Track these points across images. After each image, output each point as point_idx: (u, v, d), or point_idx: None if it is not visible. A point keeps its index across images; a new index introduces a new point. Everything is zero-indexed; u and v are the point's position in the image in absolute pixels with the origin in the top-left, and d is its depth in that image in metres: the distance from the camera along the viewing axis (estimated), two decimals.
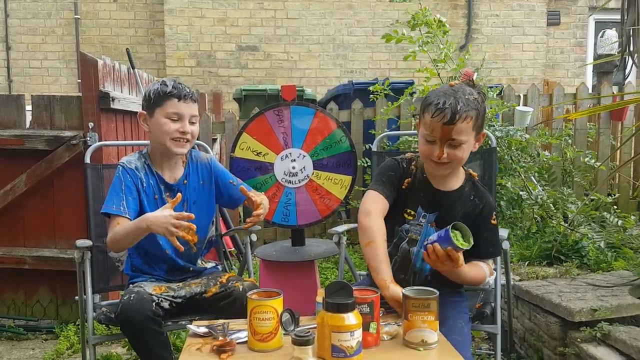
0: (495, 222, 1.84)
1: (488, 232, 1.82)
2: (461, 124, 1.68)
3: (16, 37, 8.64)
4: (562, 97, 4.89)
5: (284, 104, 2.85)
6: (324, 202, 2.87)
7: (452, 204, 1.83)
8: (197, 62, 8.25)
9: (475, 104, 1.70)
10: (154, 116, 2.14)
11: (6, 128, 3.37)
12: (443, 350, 1.42)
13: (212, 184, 2.29)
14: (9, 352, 3.14)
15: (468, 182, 1.87)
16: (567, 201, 3.57)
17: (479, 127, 1.76)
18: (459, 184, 1.85)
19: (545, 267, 3.13)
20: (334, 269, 4.25)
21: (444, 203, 1.83)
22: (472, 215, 1.81)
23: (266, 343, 1.42)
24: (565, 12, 9.04)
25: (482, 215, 1.83)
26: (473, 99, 1.70)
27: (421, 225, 1.83)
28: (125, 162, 2.20)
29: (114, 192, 2.13)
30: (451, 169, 1.80)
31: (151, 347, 1.99)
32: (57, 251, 3.40)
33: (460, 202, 1.83)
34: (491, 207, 1.85)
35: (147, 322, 1.95)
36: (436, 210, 1.83)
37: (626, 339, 2.21)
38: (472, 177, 1.89)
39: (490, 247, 1.83)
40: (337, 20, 8.33)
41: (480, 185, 1.89)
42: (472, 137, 1.74)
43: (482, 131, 1.80)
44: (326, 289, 1.35)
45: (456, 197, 1.83)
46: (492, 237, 1.84)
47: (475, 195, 1.85)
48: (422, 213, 1.84)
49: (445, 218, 1.79)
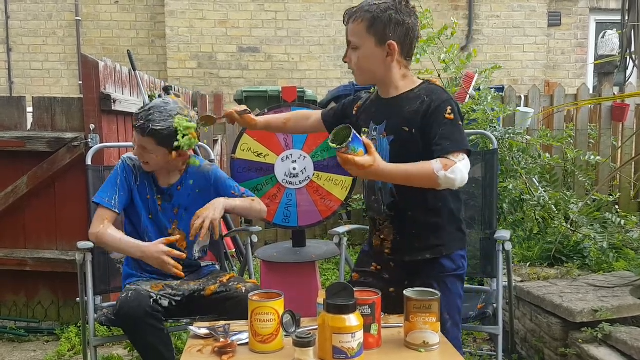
0: (451, 117, 1.67)
1: (442, 127, 1.66)
2: (352, 24, 1.73)
3: (17, 39, 8.65)
4: (563, 98, 4.89)
5: (285, 105, 2.85)
6: (324, 203, 2.87)
7: (399, 108, 1.76)
8: (198, 64, 8.26)
9: (373, 9, 1.69)
10: None
11: (7, 130, 3.37)
12: (444, 352, 1.41)
13: (210, 192, 2.28)
14: (11, 354, 3.14)
15: (422, 85, 1.78)
16: (569, 202, 3.57)
17: (379, 34, 1.70)
18: (408, 89, 1.78)
19: (546, 268, 3.13)
20: (334, 270, 4.25)
21: (390, 109, 1.79)
22: (420, 112, 1.70)
23: (267, 344, 1.42)
24: (566, 13, 9.03)
25: (431, 110, 1.69)
26: (374, 4, 1.70)
27: (374, 138, 1.79)
28: (126, 157, 2.27)
29: (109, 184, 2.21)
30: (359, 78, 1.82)
31: (151, 343, 2.01)
32: (58, 253, 3.40)
33: (407, 102, 1.75)
34: (443, 101, 1.70)
35: (145, 317, 1.97)
36: (385, 120, 1.79)
37: (627, 340, 2.21)
38: (429, 82, 1.81)
39: (446, 142, 1.65)
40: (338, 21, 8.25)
41: (437, 86, 1.79)
42: (368, 42, 1.72)
43: (389, 40, 1.70)
44: (327, 291, 1.35)
45: (402, 99, 1.77)
46: (447, 131, 1.66)
47: (426, 93, 1.74)
48: (374, 127, 1.82)
49: (395, 123, 1.76)
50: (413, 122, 1.71)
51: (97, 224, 2.15)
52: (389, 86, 1.80)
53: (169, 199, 2.25)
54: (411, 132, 1.72)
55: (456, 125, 1.69)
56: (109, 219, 2.15)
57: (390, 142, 1.77)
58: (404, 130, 1.73)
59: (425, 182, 1.63)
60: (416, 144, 1.71)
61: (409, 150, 1.71)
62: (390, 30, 1.70)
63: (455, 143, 1.65)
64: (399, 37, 1.72)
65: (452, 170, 1.59)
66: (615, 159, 5.06)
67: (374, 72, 1.78)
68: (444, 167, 1.59)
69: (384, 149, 1.76)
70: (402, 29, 1.72)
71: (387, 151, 1.76)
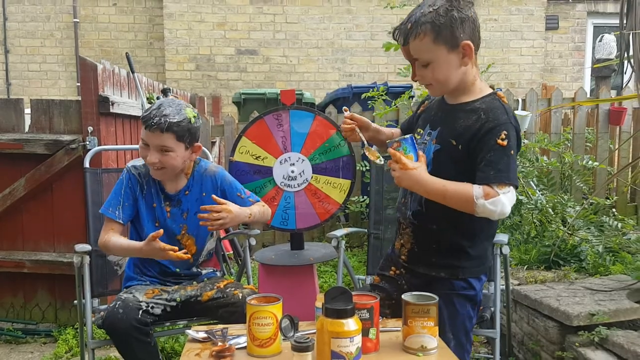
0: (503, 143, 1.54)
1: (491, 152, 1.54)
2: (414, 41, 1.58)
3: (15, 41, 8.64)
4: (560, 101, 4.90)
5: (283, 108, 2.86)
6: (323, 206, 2.87)
7: (454, 118, 1.64)
8: (197, 66, 8.26)
9: (431, 17, 1.55)
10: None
11: (5, 132, 3.37)
12: (442, 356, 1.42)
13: (216, 195, 2.26)
14: (8, 355, 3.13)
15: (485, 98, 1.64)
16: (566, 205, 3.58)
17: (449, 39, 1.57)
18: (471, 99, 1.66)
19: (543, 272, 3.14)
20: (332, 273, 4.25)
21: (447, 117, 1.67)
22: (472, 130, 1.59)
23: (265, 349, 1.42)
24: (563, 17, 9.06)
25: (484, 131, 1.56)
26: (430, 11, 1.55)
27: (425, 143, 1.71)
28: (131, 166, 2.24)
29: (114, 195, 2.20)
30: (437, 90, 1.69)
31: (137, 355, 2.00)
32: (56, 255, 3.40)
33: (464, 114, 1.63)
34: (499, 123, 1.56)
35: (131, 331, 1.95)
36: (439, 127, 1.68)
37: (624, 343, 2.22)
38: (494, 95, 1.66)
39: (491, 171, 1.53)
40: (336, 24, 8.34)
41: (501, 103, 1.63)
42: (441, 52, 1.58)
43: (462, 42, 1.58)
44: (325, 295, 1.35)
45: (460, 110, 1.65)
46: (496, 158, 1.54)
47: (485, 109, 1.61)
48: (428, 131, 1.71)
49: (446, 133, 1.65)
50: (462, 137, 1.61)
51: (102, 234, 2.16)
52: (460, 91, 1.67)
53: (178, 204, 2.21)
54: (457, 147, 1.61)
55: (507, 153, 1.55)
56: (114, 229, 2.14)
57: (435, 151, 1.67)
58: (451, 143, 1.63)
59: (461, 205, 1.55)
60: (460, 161, 1.61)
61: (450, 165, 1.62)
62: (460, 31, 1.57)
63: (500, 174, 1.53)
64: (469, 34, 1.59)
65: (493, 202, 1.51)
66: (612, 162, 5.08)
67: (451, 80, 1.63)
68: (485, 195, 1.51)
69: (428, 157, 1.67)
70: (469, 24, 1.59)
71: (429, 159, 1.67)
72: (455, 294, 1.71)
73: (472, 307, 1.75)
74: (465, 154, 1.60)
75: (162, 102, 2.10)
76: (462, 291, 1.71)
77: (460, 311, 1.72)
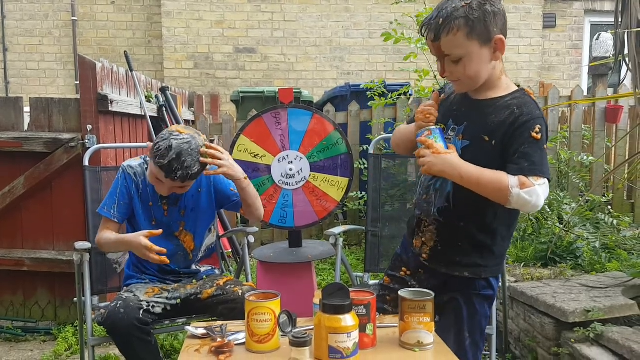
0: (538, 137, 1.53)
1: (525, 145, 1.53)
2: (447, 37, 1.53)
3: (13, 39, 8.63)
4: (557, 99, 4.92)
5: (281, 106, 2.87)
6: (321, 204, 2.89)
7: (484, 114, 1.61)
8: (195, 64, 8.26)
9: (464, 11, 1.51)
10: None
11: (4, 130, 3.38)
12: (439, 352, 1.44)
13: (211, 191, 2.30)
14: (7, 353, 3.15)
15: (515, 94, 1.62)
16: (563, 203, 3.60)
17: (483, 33, 1.53)
18: (499, 94, 1.63)
19: (540, 269, 3.16)
20: (330, 271, 4.27)
21: (475, 113, 1.64)
22: (506, 124, 1.56)
23: (264, 344, 1.43)
24: (561, 15, 9.07)
25: (518, 124, 1.55)
26: (462, 5, 1.52)
27: (449, 138, 1.66)
28: (126, 166, 2.24)
29: (110, 195, 2.22)
30: (466, 86, 1.64)
31: (138, 354, 2.01)
32: (55, 253, 3.41)
33: (495, 110, 1.60)
34: (534, 117, 1.55)
35: (132, 330, 1.97)
36: (465, 122, 1.65)
37: (619, 340, 2.24)
38: (523, 91, 1.64)
39: (525, 162, 1.52)
40: (334, 22, 8.34)
41: (531, 99, 1.61)
42: (474, 47, 1.54)
43: (495, 36, 1.54)
44: (323, 291, 1.37)
45: (490, 106, 1.62)
46: (530, 150, 1.53)
47: (517, 105, 1.58)
48: (452, 126, 1.68)
49: (475, 129, 1.62)
50: (496, 133, 1.58)
51: (98, 232, 2.20)
52: (486, 87, 1.64)
53: (175, 202, 2.23)
54: (491, 143, 1.59)
55: (541, 147, 1.55)
56: (110, 228, 2.17)
57: (464, 147, 1.63)
58: (484, 140, 1.60)
59: (495, 194, 1.53)
60: (493, 157, 1.58)
61: (481, 160, 1.57)
62: (493, 25, 1.54)
63: (535, 166, 1.52)
64: (501, 28, 1.56)
65: (529, 192, 1.49)
66: (609, 160, 5.10)
67: (482, 76, 1.60)
68: (521, 185, 1.49)
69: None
70: (500, 18, 1.56)
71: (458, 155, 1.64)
72: (476, 294, 1.70)
73: (489, 307, 1.75)
74: (499, 149, 1.58)
75: (181, 151, 1.99)
76: (483, 291, 1.71)
77: (479, 311, 1.71)
